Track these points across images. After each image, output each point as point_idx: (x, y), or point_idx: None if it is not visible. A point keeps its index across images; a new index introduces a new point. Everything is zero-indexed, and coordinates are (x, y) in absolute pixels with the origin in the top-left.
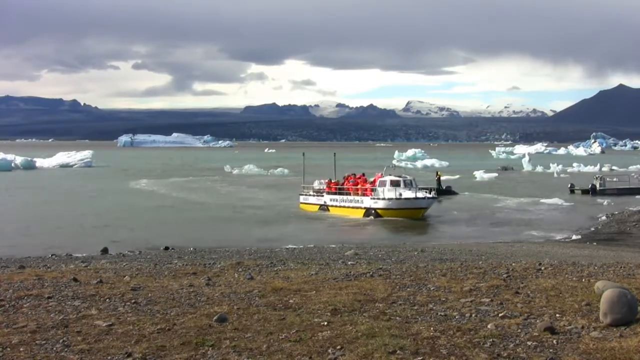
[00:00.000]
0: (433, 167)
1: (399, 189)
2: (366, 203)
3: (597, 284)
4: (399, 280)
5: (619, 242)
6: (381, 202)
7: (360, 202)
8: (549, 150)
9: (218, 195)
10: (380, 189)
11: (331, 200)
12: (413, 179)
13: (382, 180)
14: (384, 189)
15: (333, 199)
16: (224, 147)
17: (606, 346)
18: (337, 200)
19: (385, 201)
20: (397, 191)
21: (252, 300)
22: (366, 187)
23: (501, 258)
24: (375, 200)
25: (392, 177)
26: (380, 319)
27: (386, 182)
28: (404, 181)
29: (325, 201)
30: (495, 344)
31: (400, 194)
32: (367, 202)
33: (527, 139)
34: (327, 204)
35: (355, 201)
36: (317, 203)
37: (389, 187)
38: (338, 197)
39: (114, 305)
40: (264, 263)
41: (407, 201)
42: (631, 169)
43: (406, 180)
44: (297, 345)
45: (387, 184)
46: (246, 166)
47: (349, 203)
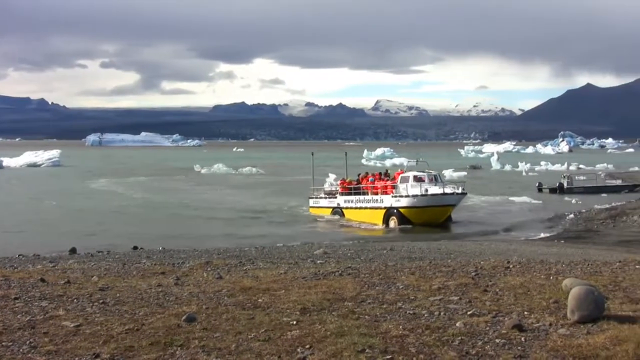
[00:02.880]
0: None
1: (424, 184)
2: (387, 202)
3: (565, 282)
4: (368, 279)
5: (587, 240)
6: (404, 200)
7: (380, 202)
8: (517, 149)
9: (189, 194)
10: (402, 185)
11: (345, 201)
12: (438, 174)
13: (404, 176)
14: (406, 185)
15: (348, 200)
16: (192, 146)
17: (573, 343)
18: (353, 202)
19: (410, 199)
20: (423, 187)
21: (220, 300)
22: (386, 185)
23: (470, 256)
24: (398, 199)
25: (415, 172)
26: (349, 318)
27: (409, 177)
28: (428, 176)
29: (338, 203)
30: (463, 342)
31: (426, 190)
32: (388, 201)
33: (496, 138)
34: (342, 206)
35: (374, 201)
36: (330, 206)
37: (412, 182)
38: (353, 198)
39: (81, 306)
40: (233, 262)
41: (435, 197)
42: (598, 167)
43: (430, 174)
44: (266, 345)
45: (410, 179)
46: (215, 165)
47: (367, 203)
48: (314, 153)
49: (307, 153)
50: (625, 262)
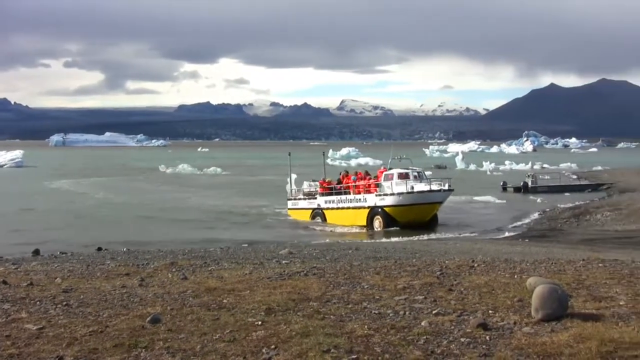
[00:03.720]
0: (367, 166)
1: (409, 181)
2: (370, 201)
3: (529, 280)
4: (333, 278)
5: (551, 239)
6: (389, 198)
7: (363, 201)
8: (482, 148)
9: (153, 195)
10: (386, 183)
11: (326, 202)
12: (422, 171)
13: (388, 173)
14: (391, 183)
15: (329, 200)
16: (157, 146)
17: (538, 341)
18: (335, 202)
19: (395, 197)
20: (408, 184)
21: (185, 301)
22: (369, 183)
23: (435, 255)
24: (382, 197)
25: (399, 169)
26: (314, 318)
27: (393, 175)
28: (412, 173)
29: (319, 204)
30: (429, 341)
31: (412, 187)
32: (372, 200)
33: (461, 138)
34: (322, 207)
35: (356, 200)
36: (310, 207)
37: (397, 180)
38: (335, 198)
39: (44, 308)
40: (198, 263)
41: (421, 195)
42: (562, 166)
43: (415, 171)
44: (231, 346)
45: (394, 177)
46: (180, 165)
47: (350, 203)
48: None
49: (272, 153)
50: (589, 261)
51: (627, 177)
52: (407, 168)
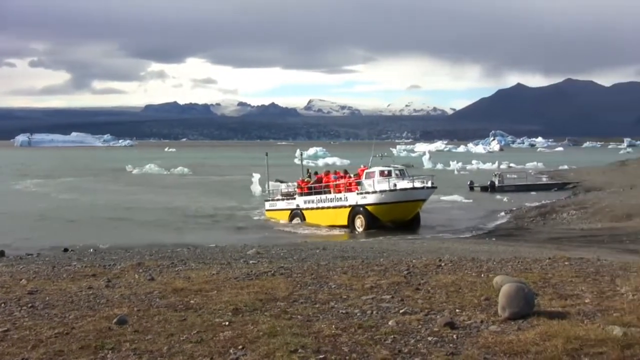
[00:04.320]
0: (335, 165)
1: (392, 179)
2: (352, 200)
3: (496, 279)
4: (301, 278)
5: (517, 238)
6: (371, 196)
7: (344, 200)
8: (449, 148)
9: (119, 195)
10: (367, 181)
11: (306, 202)
12: (404, 168)
13: (369, 171)
14: (372, 181)
15: (308, 200)
16: (124, 146)
17: (504, 339)
18: (314, 202)
19: (377, 195)
20: (390, 182)
21: (152, 302)
22: (350, 181)
23: (402, 255)
24: (364, 196)
25: (381, 167)
26: (281, 318)
27: (374, 172)
28: (394, 171)
29: (298, 204)
30: (396, 340)
31: (394, 185)
32: (353, 199)
33: (428, 137)
34: (301, 208)
35: (337, 199)
36: (288, 208)
37: (378, 178)
38: (314, 198)
39: (9, 310)
40: (165, 263)
41: (404, 192)
42: (528, 166)
43: (397, 169)
44: (198, 346)
45: (375, 175)
46: (147, 166)
47: (330, 203)
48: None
49: (240, 153)
50: (555, 259)
51: (592, 176)
52: (388, 166)
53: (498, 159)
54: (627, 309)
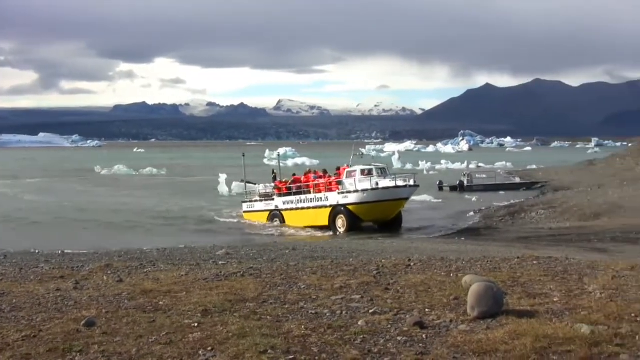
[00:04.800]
0: (304, 165)
1: (373, 178)
2: (332, 200)
3: (465, 278)
4: (270, 279)
5: (486, 237)
6: (353, 195)
7: (324, 200)
8: (418, 148)
9: (87, 197)
10: (348, 180)
11: (285, 203)
12: (385, 167)
13: (350, 170)
14: (354, 180)
15: (287, 201)
16: (92, 147)
17: (474, 339)
18: (293, 202)
19: (359, 194)
20: (372, 180)
21: (121, 303)
22: (330, 181)
23: (371, 255)
24: (345, 195)
25: (362, 166)
26: (251, 319)
27: (356, 171)
28: (376, 169)
29: (277, 205)
30: (366, 340)
31: (376, 183)
32: (334, 199)
33: (397, 137)
34: (280, 209)
35: (317, 200)
36: (267, 209)
37: (360, 177)
38: (294, 199)
39: None
40: (134, 265)
41: (387, 191)
42: (497, 165)
43: (378, 167)
44: (167, 348)
45: (357, 173)
46: (116, 166)
47: (310, 203)
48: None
49: (209, 153)
50: (523, 258)
51: (560, 176)
52: (369, 164)
53: (467, 158)
54: (594, 307)
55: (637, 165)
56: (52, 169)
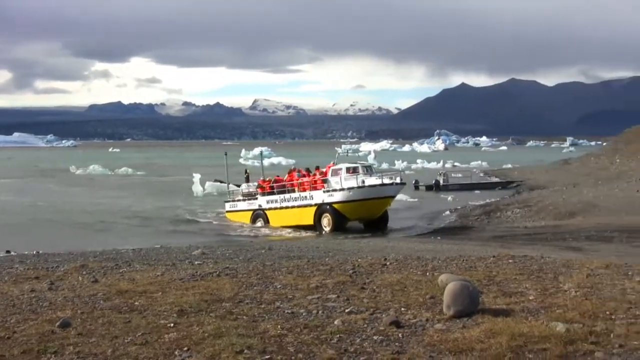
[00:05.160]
0: (280, 165)
1: (359, 175)
2: (318, 198)
3: (441, 277)
4: (246, 279)
5: (462, 236)
6: (339, 194)
7: (309, 199)
8: (394, 147)
9: (62, 197)
10: (334, 179)
11: (268, 202)
12: (371, 165)
13: (336, 168)
14: (339, 178)
15: (271, 200)
16: (67, 146)
17: (450, 337)
18: (277, 201)
19: (345, 192)
20: (359, 178)
21: (96, 304)
22: (316, 179)
23: (347, 254)
24: (331, 193)
25: (347, 164)
26: (227, 319)
27: (341, 169)
28: (361, 167)
29: (260, 204)
30: (342, 340)
31: (363, 181)
32: (320, 197)
33: (373, 137)
34: (264, 208)
35: (302, 198)
36: (250, 209)
37: (345, 175)
38: (278, 197)
39: None
40: (109, 265)
41: (373, 189)
42: (473, 165)
43: (364, 165)
44: (143, 349)
45: (342, 172)
46: (91, 166)
47: (294, 202)
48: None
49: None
50: (499, 257)
51: (535, 175)
52: (355, 162)
53: (443, 158)
54: (569, 305)
55: (612, 164)
56: (27, 169)
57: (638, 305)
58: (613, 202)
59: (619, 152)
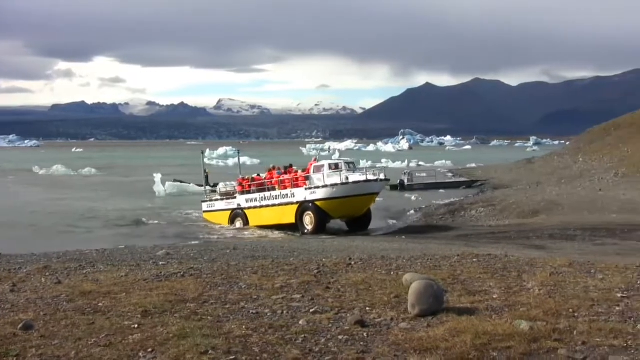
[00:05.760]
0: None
1: (343, 172)
2: (299, 196)
3: (405, 277)
4: (211, 279)
5: (427, 235)
6: (322, 191)
7: (291, 197)
8: (358, 147)
9: (25, 197)
10: (316, 175)
11: (248, 201)
12: (354, 161)
13: (318, 165)
14: (321, 174)
15: (250, 199)
16: (30, 147)
17: (414, 336)
18: (257, 200)
19: (328, 189)
20: (342, 175)
21: (59, 305)
22: (297, 177)
23: (312, 254)
24: (313, 191)
25: (329, 160)
26: (191, 320)
27: (323, 166)
28: (344, 163)
29: (239, 204)
30: (307, 340)
31: (346, 178)
32: (301, 195)
33: (338, 136)
34: (243, 207)
35: (283, 196)
36: (228, 208)
37: (328, 171)
38: (257, 196)
39: None
40: (73, 266)
41: (358, 186)
42: (437, 164)
43: (347, 162)
44: (107, 350)
45: (324, 168)
46: (54, 166)
47: (275, 200)
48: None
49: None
50: (463, 256)
51: (499, 174)
52: (337, 159)
53: (407, 157)
54: (533, 303)
55: (575, 163)
56: None
57: (600, 303)
58: (576, 201)
59: (582, 151)
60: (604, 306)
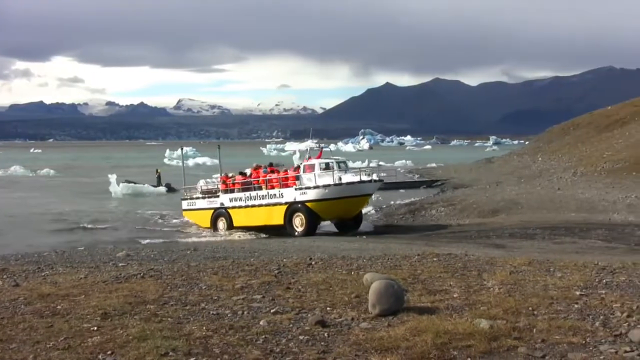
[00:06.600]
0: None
1: (335, 172)
2: (289, 196)
3: (366, 276)
4: (171, 280)
5: (387, 235)
6: (313, 192)
7: (279, 197)
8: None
9: None
10: (307, 175)
11: (232, 200)
12: (345, 161)
13: (308, 164)
14: (312, 174)
15: (235, 198)
16: None
17: (375, 336)
18: (242, 199)
19: (320, 190)
20: (335, 175)
21: (17, 309)
22: (287, 176)
23: (273, 254)
24: (304, 191)
25: (320, 159)
26: (151, 321)
27: (314, 165)
28: (336, 163)
29: (222, 203)
30: (268, 340)
31: (339, 178)
32: (291, 195)
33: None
34: (226, 206)
35: (270, 196)
36: (210, 207)
37: (319, 171)
38: (242, 195)
39: None
40: (31, 268)
41: (351, 187)
42: (398, 164)
43: (338, 161)
44: (66, 353)
45: (316, 167)
46: (12, 167)
47: (262, 200)
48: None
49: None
50: (424, 255)
51: (459, 174)
52: (328, 158)
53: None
54: (493, 302)
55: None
56: None
57: (559, 301)
58: (535, 200)
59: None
60: (563, 304)
